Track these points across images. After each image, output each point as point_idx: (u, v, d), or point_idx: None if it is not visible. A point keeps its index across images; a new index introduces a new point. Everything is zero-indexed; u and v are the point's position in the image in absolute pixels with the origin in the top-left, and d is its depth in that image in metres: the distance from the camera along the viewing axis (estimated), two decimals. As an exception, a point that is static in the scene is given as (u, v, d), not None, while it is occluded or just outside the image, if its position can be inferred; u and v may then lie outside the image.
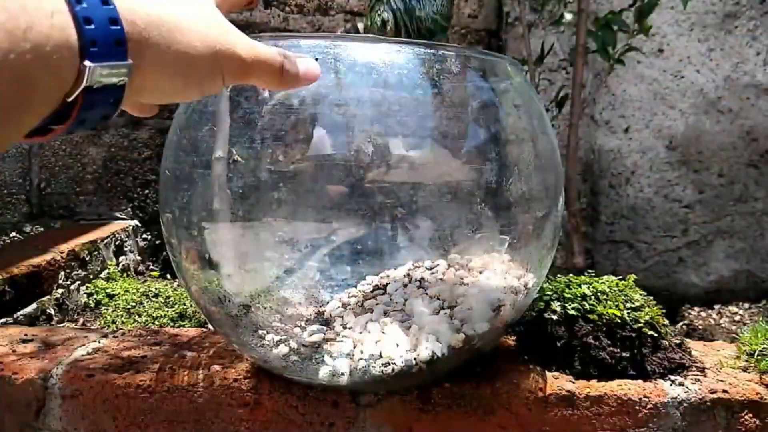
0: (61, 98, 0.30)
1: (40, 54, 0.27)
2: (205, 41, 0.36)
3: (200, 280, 0.62)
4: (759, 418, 0.66)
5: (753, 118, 1.38)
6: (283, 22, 1.48)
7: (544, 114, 0.65)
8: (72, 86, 0.29)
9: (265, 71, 0.39)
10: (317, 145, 0.55)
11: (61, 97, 0.30)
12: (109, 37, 0.30)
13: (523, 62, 1.18)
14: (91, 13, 0.29)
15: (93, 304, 1.07)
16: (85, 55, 0.29)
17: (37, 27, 0.27)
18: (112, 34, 0.30)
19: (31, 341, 0.77)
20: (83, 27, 0.29)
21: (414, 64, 0.56)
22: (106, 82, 0.30)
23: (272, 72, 0.40)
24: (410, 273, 0.62)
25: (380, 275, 0.64)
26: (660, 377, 0.68)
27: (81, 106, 0.31)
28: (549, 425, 0.66)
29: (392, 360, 0.57)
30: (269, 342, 0.60)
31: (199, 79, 0.36)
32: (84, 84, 0.29)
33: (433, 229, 0.60)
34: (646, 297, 0.74)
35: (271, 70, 0.40)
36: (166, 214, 0.62)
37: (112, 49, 0.30)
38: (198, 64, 0.35)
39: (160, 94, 0.36)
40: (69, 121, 0.31)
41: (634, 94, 1.39)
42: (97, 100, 0.31)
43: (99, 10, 0.29)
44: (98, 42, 0.29)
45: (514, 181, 0.60)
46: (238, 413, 0.67)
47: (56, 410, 0.68)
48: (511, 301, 0.63)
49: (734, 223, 1.40)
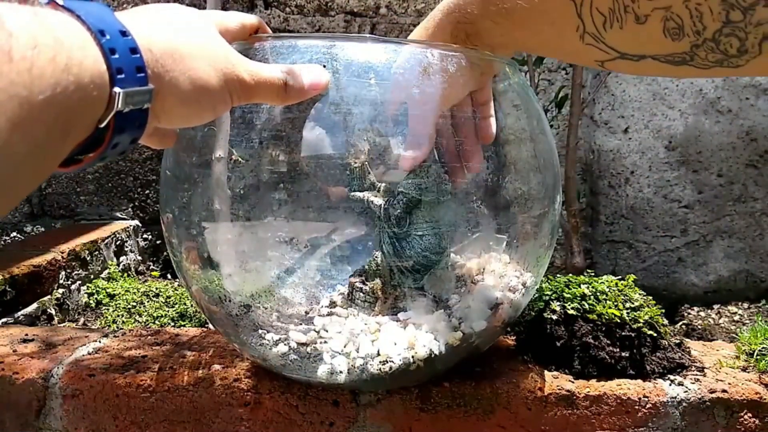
0: (95, 125, 0.32)
1: (81, 85, 0.29)
2: (214, 66, 0.38)
3: (201, 279, 0.62)
4: (758, 418, 0.66)
5: (752, 118, 1.38)
6: (284, 23, 1.48)
7: (542, 114, 0.66)
8: (104, 112, 0.31)
9: (268, 91, 0.42)
10: (316, 145, 0.55)
11: (95, 124, 0.32)
12: (131, 65, 0.32)
13: (522, 62, 1.18)
14: (115, 44, 0.31)
15: (94, 303, 1.07)
16: (114, 83, 0.31)
17: (76, 60, 0.29)
18: (133, 62, 0.32)
19: (31, 341, 0.78)
20: (110, 57, 0.31)
21: (411, 64, 0.56)
22: (133, 106, 0.32)
23: (275, 91, 0.43)
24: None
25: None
26: (659, 377, 0.68)
27: (113, 130, 0.32)
28: (548, 425, 0.66)
29: (390, 358, 0.57)
30: (269, 341, 0.60)
31: (212, 101, 0.39)
32: (116, 109, 0.31)
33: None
34: (646, 297, 0.74)
35: (274, 89, 0.43)
36: (167, 214, 0.63)
37: (135, 76, 0.32)
38: (210, 87, 0.38)
39: (178, 118, 0.38)
40: (103, 146, 0.33)
41: (633, 94, 1.40)
42: (126, 124, 0.33)
43: (120, 41, 0.32)
44: (124, 70, 0.31)
45: (512, 180, 0.60)
46: (239, 412, 0.67)
47: (57, 410, 0.68)
48: (508, 300, 0.63)
49: (733, 223, 1.40)
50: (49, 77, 0.27)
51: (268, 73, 0.42)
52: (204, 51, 0.38)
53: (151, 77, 0.34)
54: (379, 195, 0.58)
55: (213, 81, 0.38)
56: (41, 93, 0.27)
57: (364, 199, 0.58)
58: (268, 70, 0.43)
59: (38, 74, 0.26)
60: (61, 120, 0.28)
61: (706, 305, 1.29)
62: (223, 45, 0.40)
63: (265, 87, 0.42)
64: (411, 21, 1.41)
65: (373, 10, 1.45)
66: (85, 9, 0.31)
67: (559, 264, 1.34)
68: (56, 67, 0.27)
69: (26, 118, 0.26)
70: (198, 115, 0.39)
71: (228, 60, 0.40)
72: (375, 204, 0.58)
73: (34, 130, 0.27)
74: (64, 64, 0.28)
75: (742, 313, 1.20)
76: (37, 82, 0.26)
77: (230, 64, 0.40)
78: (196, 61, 0.37)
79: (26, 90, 0.26)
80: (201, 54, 0.38)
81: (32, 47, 0.26)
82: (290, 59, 0.56)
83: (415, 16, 1.41)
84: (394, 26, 1.43)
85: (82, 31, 0.30)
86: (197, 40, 0.38)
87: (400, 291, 0.60)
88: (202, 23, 0.40)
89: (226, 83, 0.39)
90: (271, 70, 0.43)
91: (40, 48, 0.27)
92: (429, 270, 0.60)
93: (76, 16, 0.31)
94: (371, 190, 0.58)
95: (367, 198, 0.58)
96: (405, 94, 0.52)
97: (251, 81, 0.41)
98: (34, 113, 0.27)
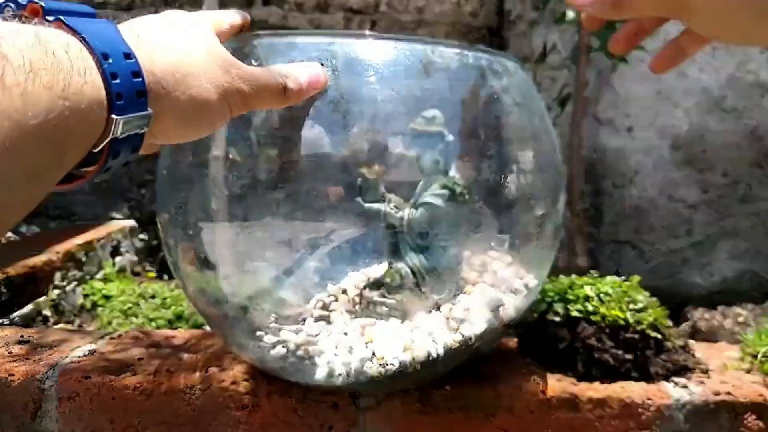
0: (89, 149, 0.31)
1: (76, 111, 0.29)
2: (214, 82, 0.38)
3: (197, 281, 0.62)
4: (763, 420, 0.65)
5: (757, 117, 1.37)
6: (283, 20, 1.48)
7: (545, 112, 0.65)
8: (100, 137, 0.31)
9: (268, 96, 0.42)
10: (314, 144, 0.54)
11: (89, 149, 0.31)
12: (132, 89, 0.32)
13: (524, 60, 1.17)
14: (117, 68, 0.31)
15: (89, 305, 1.07)
16: (112, 109, 0.31)
17: (74, 85, 0.28)
18: (134, 87, 0.32)
19: (27, 342, 0.77)
20: (111, 82, 0.30)
21: (413, 62, 0.55)
22: (129, 132, 0.32)
23: (275, 95, 0.43)
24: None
25: (369, 271, 0.64)
26: (663, 379, 0.68)
27: (107, 155, 0.32)
28: (551, 428, 0.65)
29: (387, 360, 0.56)
30: (266, 343, 0.60)
31: (211, 118, 0.39)
32: (112, 135, 0.31)
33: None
34: (650, 298, 0.73)
35: (273, 94, 0.43)
36: (163, 215, 0.62)
37: (136, 100, 0.32)
38: (210, 104, 0.38)
39: (175, 136, 0.38)
40: (95, 170, 0.33)
41: (637, 92, 1.38)
42: (121, 149, 0.33)
43: (123, 64, 0.31)
44: (123, 95, 0.31)
45: (514, 179, 0.59)
46: (236, 416, 0.66)
47: (53, 412, 0.67)
48: (511, 302, 0.62)
49: (738, 223, 1.39)
50: (44, 103, 0.27)
51: (266, 79, 0.42)
52: (205, 67, 0.38)
53: (152, 99, 0.33)
54: (395, 206, 0.58)
55: (213, 98, 0.38)
56: (34, 118, 0.26)
57: (381, 211, 0.57)
58: (266, 76, 0.42)
59: (32, 100, 0.26)
60: (56, 145, 0.28)
61: (711, 306, 1.28)
62: (222, 56, 0.40)
63: (265, 92, 0.42)
64: (411, 18, 1.40)
65: (372, 7, 1.44)
66: (90, 30, 0.31)
67: (563, 265, 1.33)
68: (52, 93, 0.27)
69: (18, 143, 0.26)
70: (196, 132, 0.39)
71: (228, 73, 0.39)
72: (394, 217, 0.58)
73: (26, 154, 0.27)
74: (61, 90, 0.27)
75: (747, 314, 1.19)
76: (30, 107, 0.26)
77: (230, 77, 0.39)
78: (197, 79, 0.37)
79: (18, 114, 0.26)
80: (201, 70, 0.37)
81: (27, 71, 0.26)
82: (289, 56, 0.55)
83: (415, 13, 1.40)
84: (395, 23, 1.42)
85: (84, 54, 0.30)
86: (197, 54, 0.38)
87: (427, 301, 0.60)
88: (201, 33, 0.40)
89: (226, 98, 0.39)
90: (269, 74, 0.43)
91: (36, 73, 0.26)
92: (451, 277, 0.61)
93: (80, 37, 0.30)
94: (382, 201, 0.57)
95: (385, 210, 0.57)
96: None
97: (251, 90, 0.41)
98: (27, 138, 0.26)
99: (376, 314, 0.60)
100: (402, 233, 0.59)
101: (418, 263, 0.59)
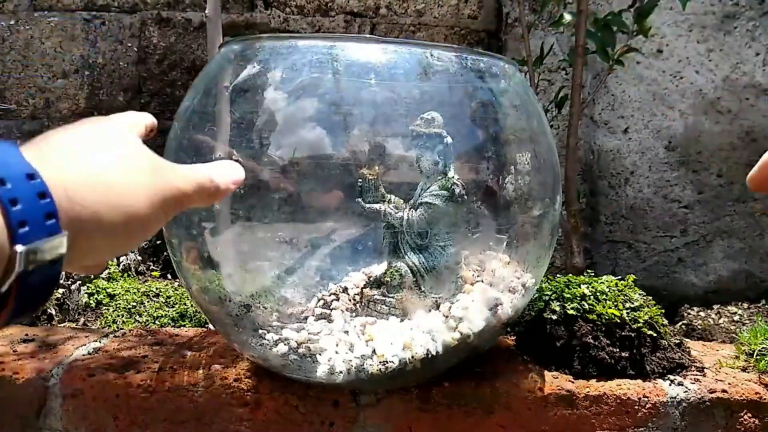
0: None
1: None
2: (145, 186, 0.34)
3: (201, 279, 0.62)
4: (758, 418, 0.66)
5: (752, 118, 1.38)
6: (284, 23, 1.48)
7: (542, 114, 0.66)
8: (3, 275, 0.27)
9: (204, 194, 0.38)
10: (315, 146, 0.55)
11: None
12: (38, 213, 0.28)
13: (522, 63, 1.18)
14: (17, 192, 0.27)
15: (94, 303, 1.07)
16: (15, 239, 0.27)
17: None
18: (41, 209, 0.28)
19: (31, 341, 0.78)
20: (10, 210, 0.27)
21: (412, 65, 0.56)
22: (41, 261, 0.28)
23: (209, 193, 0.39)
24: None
25: (368, 271, 0.64)
26: (659, 377, 0.68)
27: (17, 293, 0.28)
28: (548, 425, 0.66)
29: (387, 358, 0.57)
30: (269, 341, 0.60)
31: (143, 226, 0.34)
32: (17, 270, 0.27)
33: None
34: (646, 297, 0.74)
35: (209, 191, 0.39)
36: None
37: (44, 224, 0.28)
38: (141, 213, 0.33)
39: (104, 253, 0.34)
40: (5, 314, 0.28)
41: (633, 94, 1.40)
42: (34, 281, 0.28)
43: (24, 186, 0.27)
44: (28, 221, 0.27)
45: (511, 180, 0.60)
46: (239, 413, 0.67)
47: (57, 410, 0.68)
48: (508, 300, 0.63)
49: (733, 223, 1.40)
50: None
51: (201, 175, 0.38)
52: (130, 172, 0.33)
53: (67, 220, 0.29)
54: (395, 206, 0.59)
55: (142, 205, 0.33)
56: None
57: (382, 210, 0.58)
58: (200, 171, 0.38)
59: None
60: None
61: (706, 305, 1.29)
62: (149, 158, 0.36)
63: (202, 191, 0.38)
64: (411, 21, 1.41)
65: (373, 11, 1.45)
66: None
67: (559, 264, 1.34)
68: None
69: None
70: (127, 244, 0.35)
71: (157, 174, 0.35)
72: (395, 216, 0.58)
73: None
74: None
75: (741, 313, 1.20)
76: None
77: (162, 179, 0.35)
78: (123, 187, 0.32)
79: None
80: (127, 177, 0.33)
81: None
82: (290, 59, 0.56)
83: (416, 16, 1.41)
84: (394, 26, 1.43)
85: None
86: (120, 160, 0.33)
87: (426, 299, 0.61)
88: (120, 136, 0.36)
89: (161, 202, 0.35)
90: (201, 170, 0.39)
91: None
92: (449, 277, 0.61)
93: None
94: (382, 201, 0.58)
95: (385, 210, 0.58)
96: None
97: (189, 189, 0.37)
98: None
99: (376, 313, 0.61)
100: (402, 233, 0.60)
101: (418, 263, 0.60)
